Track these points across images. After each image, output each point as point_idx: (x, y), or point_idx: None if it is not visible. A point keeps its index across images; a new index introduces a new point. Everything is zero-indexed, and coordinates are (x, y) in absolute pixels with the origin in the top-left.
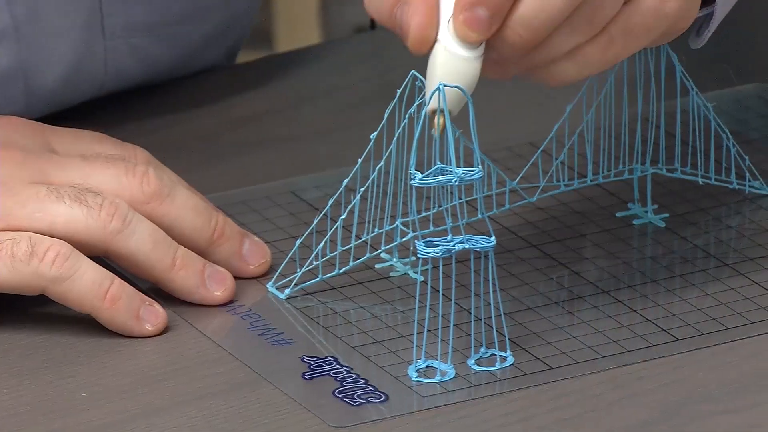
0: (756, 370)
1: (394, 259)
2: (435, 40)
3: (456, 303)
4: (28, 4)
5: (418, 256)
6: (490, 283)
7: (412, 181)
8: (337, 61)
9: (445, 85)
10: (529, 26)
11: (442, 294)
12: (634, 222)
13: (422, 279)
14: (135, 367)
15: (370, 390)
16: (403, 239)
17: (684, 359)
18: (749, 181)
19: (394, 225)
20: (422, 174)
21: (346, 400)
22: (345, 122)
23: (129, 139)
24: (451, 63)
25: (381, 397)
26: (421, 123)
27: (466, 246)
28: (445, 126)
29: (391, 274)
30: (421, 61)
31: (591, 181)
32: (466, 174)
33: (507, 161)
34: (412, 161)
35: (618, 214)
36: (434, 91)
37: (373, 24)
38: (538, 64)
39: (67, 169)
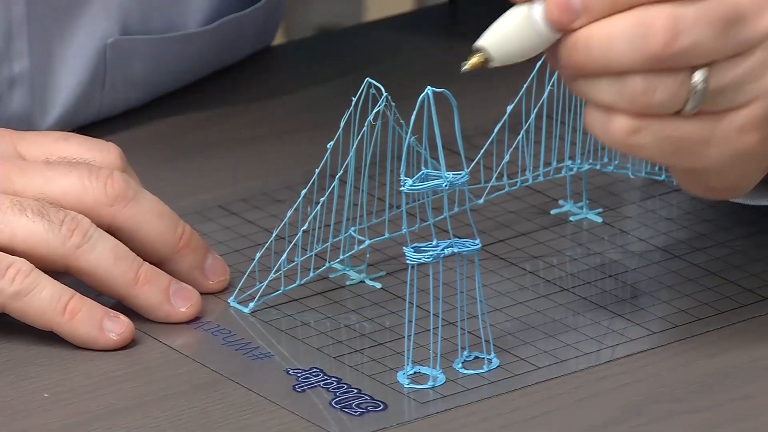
0: (718, 369)
1: (347, 268)
2: None
3: (429, 308)
4: (44, 53)
5: (407, 262)
6: (460, 285)
7: (403, 188)
8: (299, 62)
9: (434, 89)
10: (593, 51)
11: (417, 300)
12: (570, 219)
13: (380, 286)
14: (98, 368)
15: (367, 399)
16: (361, 247)
17: (647, 358)
18: None
19: (347, 233)
20: (411, 180)
21: (346, 410)
22: (307, 123)
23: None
24: (524, 26)
25: (380, 406)
26: (410, 130)
27: (454, 250)
28: (474, 66)
29: (347, 283)
30: (379, 65)
31: (532, 179)
32: (455, 178)
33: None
34: (402, 167)
35: (552, 212)
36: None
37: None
38: (576, 91)
39: (30, 175)
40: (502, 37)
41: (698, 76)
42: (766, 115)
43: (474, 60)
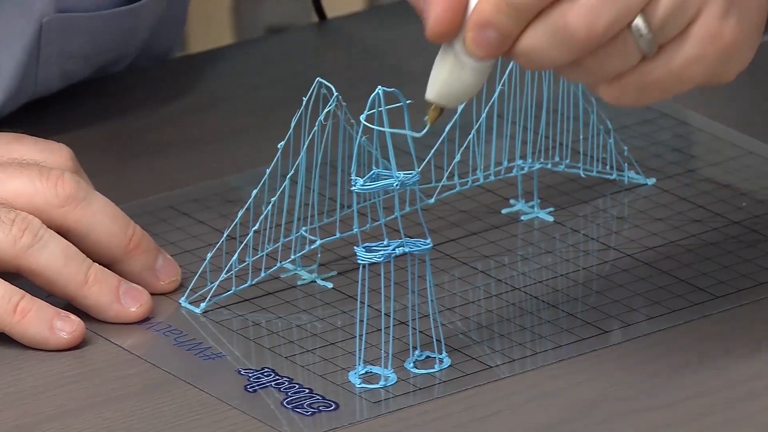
0: (670, 367)
1: (298, 268)
2: (455, 35)
3: (381, 307)
4: None
5: (359, 262)
6: (411, 285)
7: (354, 187)
8: (250, 62)
9: (384, 90)
10: (531, 62)
11: (368, 300)
12: (521, 218)
13: (331, 286)
14: (49, 369)
15: (319, 399)
16: (312, 247)
17: (599, 357)
18: (627, 171)
19: (298, 233)
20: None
21: (298, 410)
22: (259, 123)
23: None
24: (456, 67)
25: (331, 406)
26: (360, 130)
27: (405, 250)
28: (435, 119)
29: (299, 282)
30: (330, 65)
31: (484, 179)
32: (406, 177)
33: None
34: (353, 167)
35: (503, 211)
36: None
37: (322, 15)
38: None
39: None
40: (445, 85)
41: (637, 23)
42: (718, 15)
43: (432, 114)
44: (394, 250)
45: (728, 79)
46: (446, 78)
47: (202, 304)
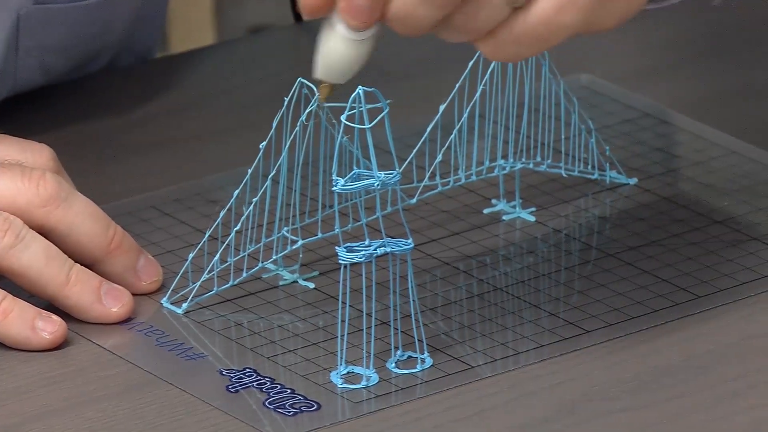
0: (651, 368)
1: (280, 269)
2: (329, 9)
3: (362, 307)
4: None
5: (340, 262)
6: (393, 285)
7: (335, 188)
8: (231, 62)
9: (365, 89)
10: (404, 24)
11: (350, 300)
12: (503, 218)
13: (313, 286)
14: (31, 369)
15: (300, 399)
16: (294, 247)
17: (581, 357)
18: (609, 170)
19: (280, 234)
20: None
21: (280, 410)
22: (240, 123)
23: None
24: (336, 42)
25: (313, 406)
26: (341, 130)
27: (387, 250)
28: (326, 96)
29: (280, 283)
30: (312, 65)
31: (465, 179)
32: (387, 177)
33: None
34: (334, 167)
35: (485, 211)
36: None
37: (298, 17)
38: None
39: None
40: (331, 62)
41: None
42: None
43: (322, 92)
44: (375, 250)
45: (607, 26)
46: (329, 54)
47: (184, 305)
